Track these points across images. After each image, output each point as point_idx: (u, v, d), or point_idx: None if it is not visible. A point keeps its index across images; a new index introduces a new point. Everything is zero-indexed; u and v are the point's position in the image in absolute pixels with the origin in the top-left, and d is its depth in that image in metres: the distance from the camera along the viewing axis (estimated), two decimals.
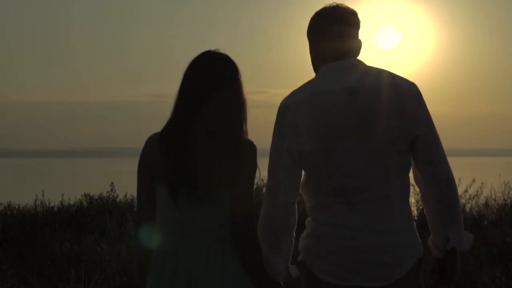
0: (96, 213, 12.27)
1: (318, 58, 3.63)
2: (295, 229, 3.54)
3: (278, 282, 3.44)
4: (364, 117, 3.47)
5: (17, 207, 12.84)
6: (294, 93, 3.57)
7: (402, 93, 3.49)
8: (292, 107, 3.51)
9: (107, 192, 13.36)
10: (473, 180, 11.99)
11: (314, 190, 3.54)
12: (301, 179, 3.58)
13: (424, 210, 3.69)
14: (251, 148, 3.44)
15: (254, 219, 3.44)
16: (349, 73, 3.53)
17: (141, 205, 3.54)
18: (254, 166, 3.43)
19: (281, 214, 3.49)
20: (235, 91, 3.42)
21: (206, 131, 3.39)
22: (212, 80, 3.39)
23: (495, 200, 12.16)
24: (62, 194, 13.44)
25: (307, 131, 3.47)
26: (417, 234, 3.65)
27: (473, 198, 11.88)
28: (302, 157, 3.50)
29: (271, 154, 3.56)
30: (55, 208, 12.98)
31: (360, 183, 3.47)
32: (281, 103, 3.57)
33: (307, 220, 3.61)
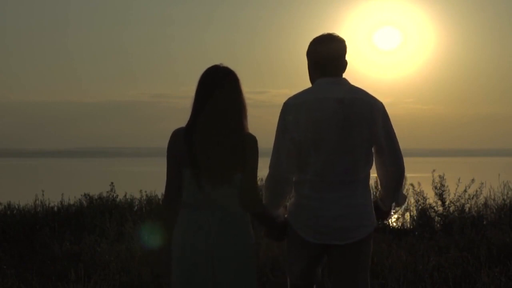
0: (96, 213, 12.26)
1: (315, 71, 4.87)
2: (290, 194, 4.86)
3: (273, 220, 4.84)
4: (346, 121, 4.73)
5: (17, 207, 12.83)
6: (296, 96, 4.82)
7: (373, 108, 4.79)
8: (296, 106, 4.75)
9: (107, 192, 13.35)
10: (472, 180, 11.98)
11: (302, 170, 4.78)
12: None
13: (379, 184, 5.08)
14: (253, 140, 4.56)
15: (258, 194, 4.63)
16: (337, 87, 4.80)
17: (170, 182, 4.58)
18: (256, 154, 4.56)
19: (281, 185, 4.80)
20: (237, 97, 4.54)
21: (218, 129, 4.49)
22: (220, 90, 4.51)
23: (494, 200, 12.15)
24: (62, 194, 13.43)
25: (304, 124, 4.71)
26: (373, 212, 4.89)
27: (473, 198, 11.86)
28: (299, 143, 4.72)
29: (276, 140, 4.78)
30: (55, 208, 12.96)
31: (336, 168, 4.74)
32: (285, 102, 4.80)
33: (294, 189, 4.86)
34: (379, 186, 5.13)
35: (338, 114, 4.72)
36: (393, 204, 5.07)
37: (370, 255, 4.89)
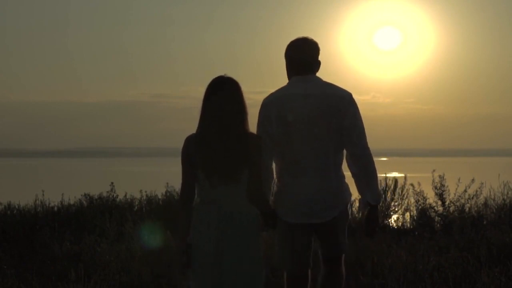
0: (96, 213, 12.26)
1: (291, 71, 5.46)
2: (272, 182, 5.45)
3: (270, 209, 5.23)
4: (313, 113, 5.31)
5: (17, 207, 12.81)
6: (271, 94, 5.46)
7: (339, 99, 5.34)
8: (268, 104, 5.41)
9: (107, 192, 13.35)
10: (472, 180, 11.97)
11: (280, 160, 5.42)
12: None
13: (354, 177, 5.46)
14: (257, 140, 5.00)
15: (263, 190, 5.05)
16: (307, 83, 5.38)
17: (185, 183, 4.99)
18: (260, 153, 4.97)
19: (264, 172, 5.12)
20: (239, 103, 4.95)
21: (224, 141, 4.90)
22: (224, 98, 4.94)
23: (494, 200, 12.15)
24: (62, 194, 13.41)
25: (275, 119, 5.34)
26: (348, 190, 5.45)
27: (472, 198, 11.86)
28: (273, 137, 5.35)
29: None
30: (55, 208, 12.95)
31: (308, 156, 5.33)
32: (262, 101, 5.43)
33: (275, 179, 5.46)
34: (354, 180, 5.49)
35: (304, 108, 5.32)
36: (367, 199, 5.41)
37: (348, 222, 5.53)
